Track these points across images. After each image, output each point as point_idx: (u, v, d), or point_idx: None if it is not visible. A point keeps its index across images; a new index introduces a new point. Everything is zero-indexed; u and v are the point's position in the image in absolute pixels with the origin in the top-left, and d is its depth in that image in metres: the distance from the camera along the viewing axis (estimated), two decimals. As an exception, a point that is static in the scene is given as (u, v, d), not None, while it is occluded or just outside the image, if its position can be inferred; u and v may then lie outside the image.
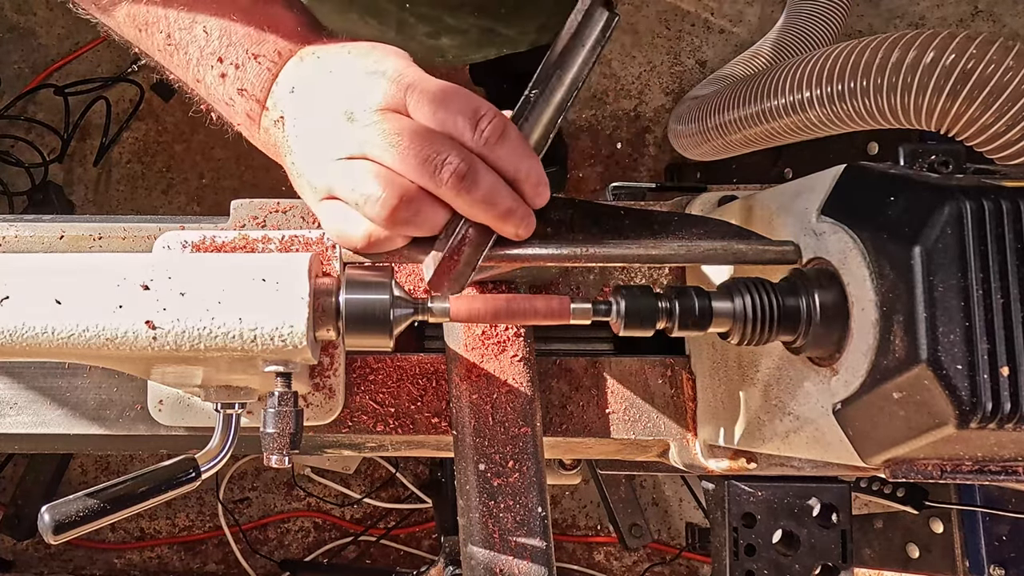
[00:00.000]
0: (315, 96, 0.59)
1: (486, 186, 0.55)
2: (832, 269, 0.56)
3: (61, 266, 0.57)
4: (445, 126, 0.55)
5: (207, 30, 0.62)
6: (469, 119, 0.55)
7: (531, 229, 0.58)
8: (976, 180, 0.53)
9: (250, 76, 0.62)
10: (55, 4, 2.06)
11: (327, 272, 0.65)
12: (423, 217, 0.56)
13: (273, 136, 0.62)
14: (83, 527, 0.58)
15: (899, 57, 0.77)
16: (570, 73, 0.59)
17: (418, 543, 1.97)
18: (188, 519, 1.96)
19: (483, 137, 0.55)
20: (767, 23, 1.89)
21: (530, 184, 0.57)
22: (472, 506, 0.68)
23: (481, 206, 0.55)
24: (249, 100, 0.62)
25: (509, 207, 0.56)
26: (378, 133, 0.55)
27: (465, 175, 0.54)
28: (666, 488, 1.98)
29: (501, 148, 0.56)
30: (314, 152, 0.59)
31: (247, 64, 0.62)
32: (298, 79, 0.61)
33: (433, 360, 0.74)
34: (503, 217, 0.56)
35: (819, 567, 0.81)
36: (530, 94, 0.59)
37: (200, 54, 0.63)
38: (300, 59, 0.62)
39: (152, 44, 0.65)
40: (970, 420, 0.48)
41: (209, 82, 0.63)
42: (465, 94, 0.57)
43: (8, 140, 1.99)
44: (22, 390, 0.74)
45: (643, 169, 2.03)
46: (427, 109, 0.56)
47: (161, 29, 0.63)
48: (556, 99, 0.59)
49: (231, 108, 0.64)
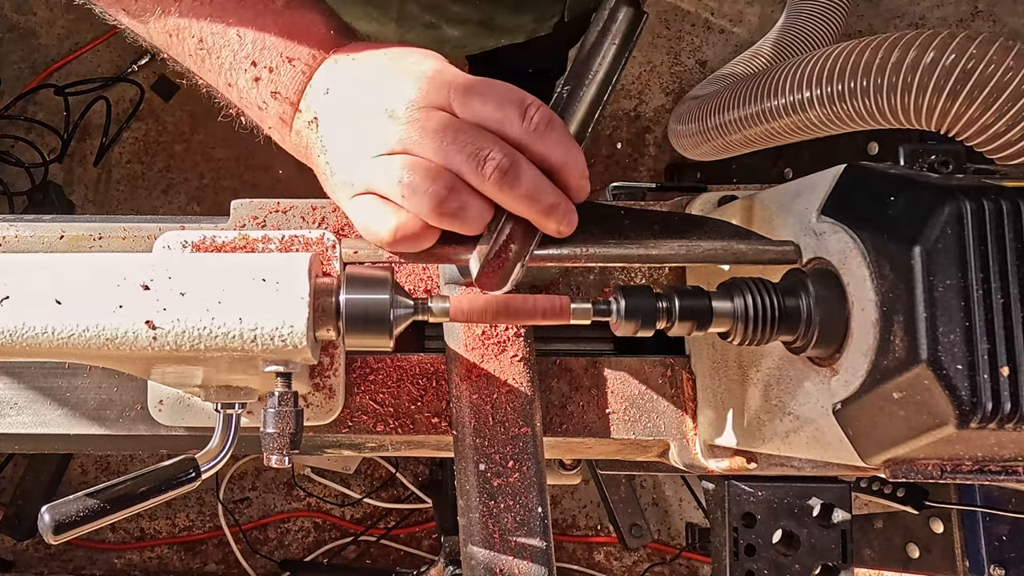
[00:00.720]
0: (352, 96, 0.60)
1: (529, 181, 0.55)
2: (832, 269, 0.56)
3: (61, 266, 0.57)
4: (492, 117, 0.56)
5: (240, 34, 0.62)
6: (517, 107, 0.56)
7: (573, 226, 0.58)
8: (976, 180, 0.53)
9: (284, 79, 0.62)
10: (55, 4, 2.06)
11: (327, 272, 0.65)
12: (469, 210, 0.56)
13: (306, 138, 0.62)
14: (83, 527, 0.58)
15: (899, 57, 0.77)
16: (602, 70, 0.59)
17: (418, 543, 1.97)
18: (188, 519, 1.96)
19: (532, 123, 0.55)
20: (767, 23, 1.89)
21: (576, 176, 0.57)
22: (472, 506, 0.68)
23: (525, 201, 0.55)
24: (282, 103, 0.62)
25: (553, 202, 0.56)
26: (420, 129, 0.56)
27: (508, 169, 0.54)
28: (666, 488, 1.98)
29: (549, 136, 0.56)
30: (352, 149, 0.59)
31: (281, 67, 0.62)
32: (333, 81, 0.61)
33: (433, 360, 0.74)
34: (546, 212, 0.56)
35: (819, 567, 0.81)
36: (561, 90, 0.59)
37: (233, 58, 0.63)
38: (335, 62, 0.62)
39: (183, 49, 0.65)
40: (970, 420, 0.48)
41: (242, 86, 0.63)
42: (509, 86, 0.57)
43: (8, 140, 1.99)
44: (22, 390, 0.74)
45: (643, 169, 2.03)
46: (473, 103, 0.56)
47: (193, 34, 0.64)
48: (590, 95, 0.59)
49: (263, 111, 0.64)
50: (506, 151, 0.55)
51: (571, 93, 0.59)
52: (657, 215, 0.62)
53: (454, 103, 0.57)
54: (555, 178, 0.57)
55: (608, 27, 0.59)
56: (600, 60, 0.59)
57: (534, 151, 0.56)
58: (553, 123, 0.56)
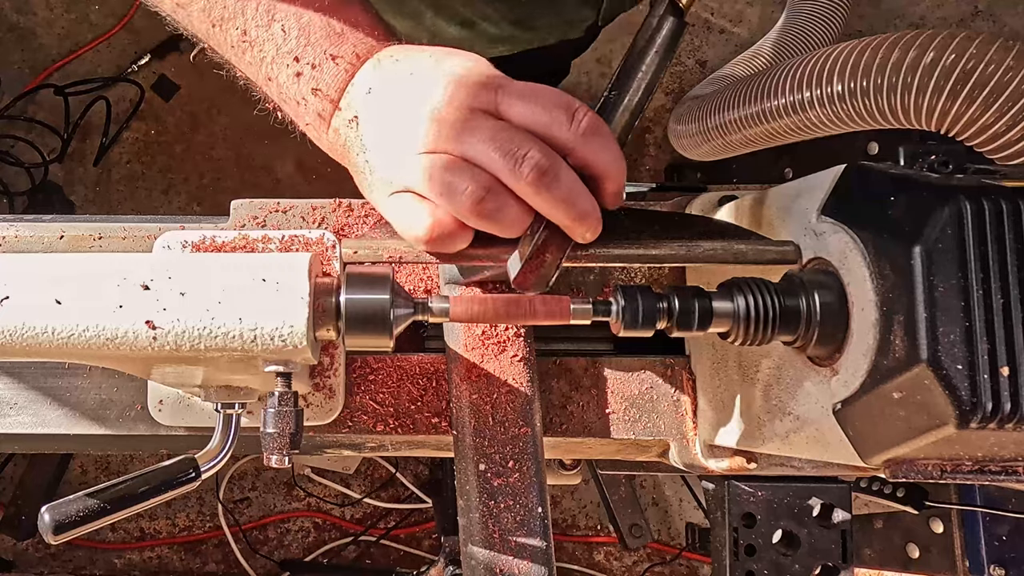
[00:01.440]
0: (395, 96, 0.60)
1: (566, 185, 0.55)
2: (832, 269, 0.56)
3: (61, 266, 0.57)
4: (539, 120, 0.56)
5: (285, 29, 0.62)
6: (565, 111, 0.56)
7: (598, 233, 0.58)
8: (976, 180, 0.53)
9: (326, 77, 0.62)
10: (55, 4, 2.06)
11: (327, 272, 0.65)
12: (505, 212, 0.56)
13: (344, 136, 0.62)
14: (83, 527, 0.58)
15: (899, 57, 0.77)
16: (647, 78, 0.60)
17: (418, 543, 1.97)
18: (188, 519, 1.96)
19: (580, 127, 0.55)
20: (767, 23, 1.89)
21: (616, 183, 0.57)
22: (472, 506, 0.68)
23: (561, 205, 0.55)
24: (323, 100, 0.62)
25: (586, 209, 0.56)
26: (460, 129, 0.56)
27: (547, 171, 0.54)
28: (666, 488, 1.98)
29: (596, 141, 0.56)
30: (392, 148, 0.59)
31: (324, 64, 0.62)
32: (376, 80, 0.61)
33: (433, 360, 0.74)
34: (579, 218, 0.56)
35: (819, 567, 0.81)
36: (609, 95, 0.60)
37: (276, 52, 0.63)
38: (378, 61, 0.62)
39: (225, 40, 0.65)
40: (970, 420, 0.48)
41: (282, 81, 0.63)
42: (557, 91, 0.57)
43: (8, 140, 1.99)
44: (22, 390, 0.74)
45: (643, 169, 2.03)
46: (521, 106, 0.56)
47: (237, 26, 0.64)
48: (633, 103, 0.61)
49: (301, 107, 0.64)
50: (546, 152, 0.55)
51: (617, 98, 0.61)
52: (657, 215, 0.62)
53: (500, 105, 0.57)
54: (594, 184, 0.57)
55: (654, 36, 0.61)
56: (646, 68, 0.61)
57: (579, 155, 0.56)
58: (601, 129, 0.56)
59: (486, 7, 1.09)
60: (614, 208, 0.58)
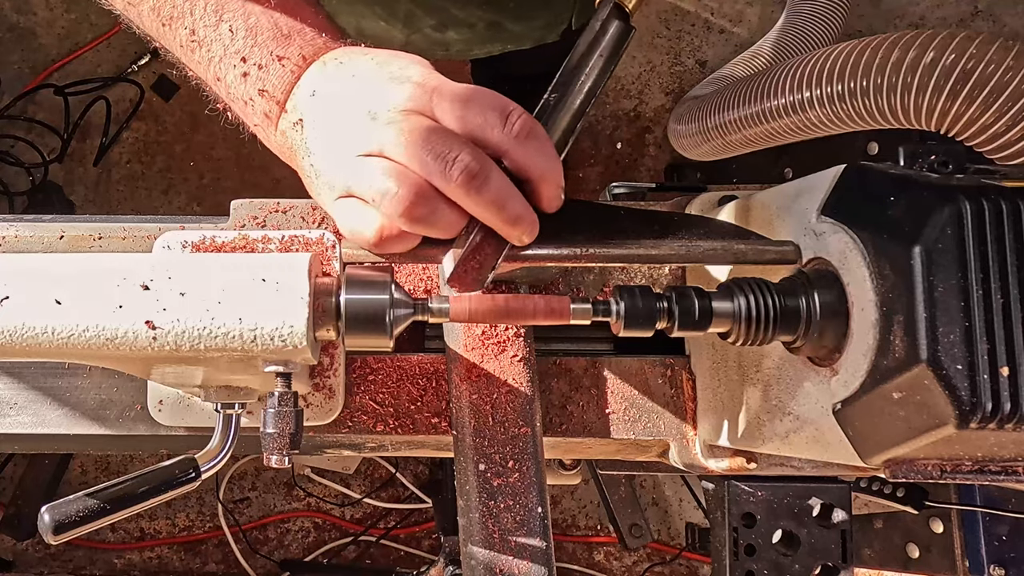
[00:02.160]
0: (337, 99, 0.60)
1: (496, 188, 0.55)
2: (832, 269, 0.56)
3: (61, 266, 0.57)
4: (473, 122, 0.55)
5: (233, 29, 0.62)
6: (499, 114, 0.55)
7: (533, 237, 0.57)
8: (976, 180, 0.53)
9: (272, 78, 0.62)
10: (55, 4, 2.06)
11: (327, 272, 0.65)
12: (438, 216, 0.55)
13: (290, 138, 0.62)
14: (83, 527, 0.58)
15: (899, 57, 0.77)
16: (588, 81, 0.59)
17: (418, 543, 1.97)
18: (188, 519, 1.96)
19: (514, 129, 0.55)
20: (767, 23, 1.89)
21: (551, 187, 0.57)
22: (472, 506, 0.68)
23: (491, 208, 0.55)
24: (269, 101, 0.62)
25: (518, 213, 0.56)
26: (396, 131, 0.55)
27: (476, 174, 0.54)
28: (666, 488, 1.98)
29: (530, 144, 0.55)
30: (334, 151, 0.59)
31: (271, 65, 0.62)
32: (320, 83, 0.61)
33: (433, 360, 0.74)
34: (511, 222, 0.56)
35: (819, 567, 0.81)
36: (549, 98, 0.60)
37: (224, 52, 0.63)
38: (323, 64, 0.62)
39: (174, 39, 0.66)
40: (970, 420, 0.48)
41: (230, 81, 0.63)
42: (494, 93, 0.57)
43: (8, 140, 1.99)
44: (22, 390, 0.74)
45: (643, 169, 2.03)
46: (454, 109, 0.56)
47: (186, 25, 0.64)
48: (575, 105, 0.59)
49: (249, 108, 0.64)
50: (476, 155, 0.54)
51: (557, 102, 0.60)
52: (657, 215, 0.62)
53: (436, 108, 0.56)
54: (530, 187, 0.57)
55: (598, 39, 0.60)
56: (588, 71, 0.60)
57: (513, 158, 0.55)
58: (535, 132, 0.56)
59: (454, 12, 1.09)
60: (552, 211, 0.58)
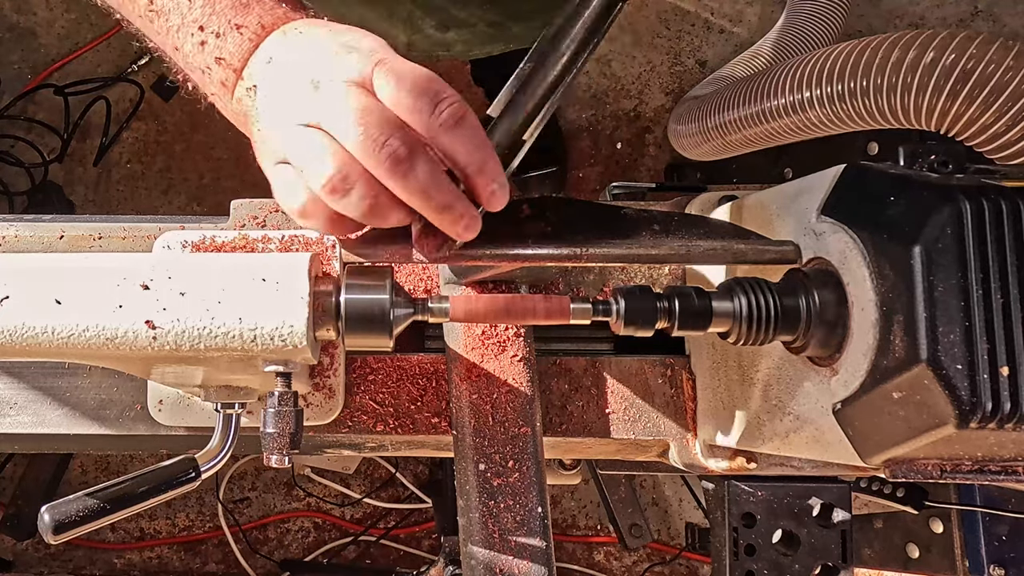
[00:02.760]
0: (289, 66, 0.59)
1: (423, 175, 0.53)
2: (832, 269, 0.56)
3: (61, 266, 0.57)
4: (403, 103, 0.54)
5: None
6: (430, 99, 0.53)
7: (474, 231, 0.55)
8: (976, 180, 0.53)
9: (229, 46, 0.61)
10: (55, 4, 2.06)
11: (327, 272, 0.65)
12: (359, 196, 0.53)
13: (244, 105, 0.62)
14: (83, 527, 0.58)
15: (899, 57, 0.77)
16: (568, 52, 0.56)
17: (418, 543, 1.97)
18: (188, 519, 1.96)
19: (440, 118, 0.53)
20: (767, 23, 1.89)
21: (482, 178, 0.54)
22: (472, 506, 0.68)
23: (417, 196, 0.53)
24: (226, 69, 0.62)
25: (447, 202, 0.53)
26: (335, 104, 0.54)
27: (403, 159, 0.52)
28: (666, 488, 1.98)
29: (456, 133, 0.53)
30: (278, 118, 0.58)
31: (229, 34, 0.61)
32: (278, 50, 0.60)
33: (433, 360, 0.74)
34: (440, 211, 0.54)
35: (819, 567, 0.81)
36: (524, 67, 0.57)
37: (182, 21, 0.63)
38: (284, 32, 0.61)
39: (133, 9, 0.65)
40: (970, 420, 0.48)
41: (188, 50, 0.63)
42: (433, 77, 0.55)
43: (8, 140, 1.99)
44: (22, 390, 0.74)
45: (643, 169, 2.03)
46: (391, 87, 0.54)
47: None
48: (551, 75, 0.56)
49: (206, 76, 0.63)
50: (406, 140, 0.52)
51: (532, 70, 0.56)
52: (657, 215, 0.62)
53: (376, 84, 0.55)
54: (466, 181, 0.54)
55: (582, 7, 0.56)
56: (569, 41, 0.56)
57: (438, 146, 0.53)
58: (464, 121, 0.53)
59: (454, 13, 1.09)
60: (494, 209, 0.55)
